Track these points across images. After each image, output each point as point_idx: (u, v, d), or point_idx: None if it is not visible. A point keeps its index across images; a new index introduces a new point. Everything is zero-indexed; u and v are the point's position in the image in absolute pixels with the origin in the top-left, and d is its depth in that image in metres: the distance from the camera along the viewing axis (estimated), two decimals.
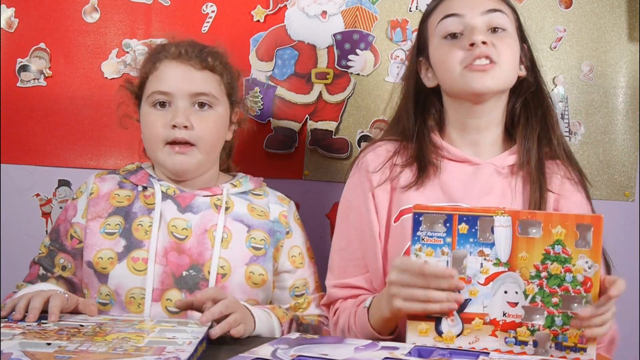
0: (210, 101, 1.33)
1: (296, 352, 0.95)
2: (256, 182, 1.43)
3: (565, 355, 1.04)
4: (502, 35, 1.29)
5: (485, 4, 1.29)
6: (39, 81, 1.70)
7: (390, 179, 1.32)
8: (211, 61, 1.33)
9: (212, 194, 1.35)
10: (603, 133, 1.82)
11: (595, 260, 1.03)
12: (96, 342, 0.96)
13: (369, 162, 1.36)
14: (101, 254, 1.29)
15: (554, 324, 1.04)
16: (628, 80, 1.81)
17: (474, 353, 1.01)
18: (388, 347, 1.02)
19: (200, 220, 1.32)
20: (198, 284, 1.27)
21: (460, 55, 1.27)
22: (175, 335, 1.02)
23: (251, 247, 1.33)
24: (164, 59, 1.33)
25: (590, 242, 1.03)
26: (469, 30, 1.28)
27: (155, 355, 0.90)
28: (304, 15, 1.75)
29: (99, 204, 1.34)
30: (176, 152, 1.30)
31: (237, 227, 1.33)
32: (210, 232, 1.31)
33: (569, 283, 1.03)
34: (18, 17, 1.69)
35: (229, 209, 1.35)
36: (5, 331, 1.00)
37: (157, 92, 1.31)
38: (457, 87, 1.30)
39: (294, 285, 1.39)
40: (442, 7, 1.33)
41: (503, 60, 1.27)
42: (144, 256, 1.28)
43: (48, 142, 1.70)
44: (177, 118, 1.28)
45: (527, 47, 1.37)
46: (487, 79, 1.26)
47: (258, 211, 1.37)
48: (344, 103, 1.77)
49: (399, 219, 1.31)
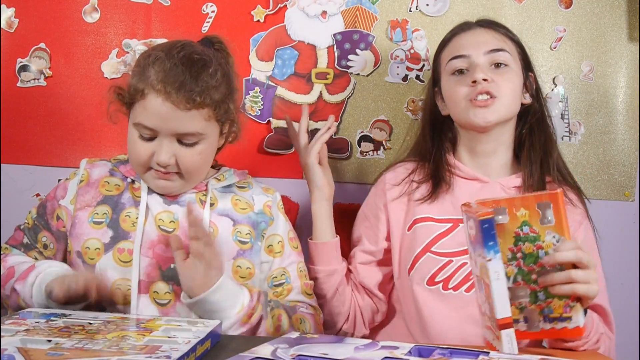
0: (196, 138, 1.27)
1: (296, 351, 0.95)
2: (240, 175, 1.43)
3: (554, 327, 1.10)
4: (504, 71, 1.43)
5: (489, 44, 1.44)
6: (39, 81, 1.70)
7: (407, 194, 1.48)
8: (200, 100, 1.23)
9: (197, 190, 1.35)
10: (603, 133, 1.82)
11: (561, 233, 1.09)
12: (95, 340, 0.96)
13: (386, 179, 1.53)
14: (88, 244, 1.29)
15: (538, 299, 1.11)
16: (628, 80, 1.81)
17: (474, 352, 1.01)
18: (388, 346, 1.02)
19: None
20: None
21: (464, 91, 1.42)
22: (178, 334, 1.02)
23: (237, 241, 1.33)
24: (151, 92, 1.23)
25: (552, 219, 1.09)
26: (472, 68, 1.42)
27: (147, 354, 0.90)
28: (304, 15, 1.75)
29: (89, 192, 1.34)
30: (159, 178, 1.30)
31: (222, 222, 1.33)
32: None
33: (543, 258, 1.10)
34: (18, 17, 1.69)
35: (214, 205, 1.35)
36: (11, 328, 1.00)
37: (142, 126, 1.26)
38: (463, 119, 1.45)
39: (272, 275, 1.37)
40: (451, 47, 1.49)
41: (503, 94, 1.41)
42: (129, 247, 1.28)
43: (48, 142, 1.70)
44: (160, 157, 1.25)
45: (533, 75, 1.49)
46: (487, 113, 1.40)
47: (242, 204, 1.37)
48: (344, 103, 1.77)
49: (411, 227, 1.45)
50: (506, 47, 1.44)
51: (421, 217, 1.45)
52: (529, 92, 1.49)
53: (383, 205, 1.51)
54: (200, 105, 1.24)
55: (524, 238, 1.10)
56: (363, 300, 1.52)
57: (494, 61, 1.43)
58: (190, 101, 1.23)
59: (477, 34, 1.47)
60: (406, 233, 1.46)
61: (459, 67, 1.44)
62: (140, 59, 1.30)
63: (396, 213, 1.49)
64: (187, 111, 1.23)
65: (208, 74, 1.26)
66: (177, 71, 1.24)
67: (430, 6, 1.77)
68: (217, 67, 1.29)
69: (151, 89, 1.23)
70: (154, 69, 1.24)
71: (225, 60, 1.35)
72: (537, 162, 1.45)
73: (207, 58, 1.28)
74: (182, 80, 1.23)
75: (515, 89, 1.43)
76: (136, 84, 1.26)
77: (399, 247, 1.47)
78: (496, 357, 1.00)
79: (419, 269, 1.41)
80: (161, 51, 1.27)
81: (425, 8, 1.77)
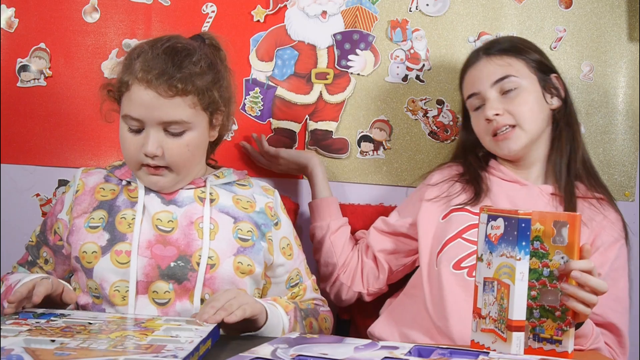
0: (183, 127, 1.27)
1: (296, 351, 0.95)
2: (240, 174, 1.43)
3: (542, 347, 1.09)
4: (515, 95, 1.45)
5: (495, 74, 1.46)
6: (39, 81, 1.70)
7: (448, 196, 1.49)
8: (182, 86, 1.23)
9: (196, 187, 1.35)
10: (603, 133, 1.82)
11: (570, 256, 1.08)
12: (99, 340, 0.96)
13: (432, 177, 1.56)
14: (85, 248, 1.29)
15: (532, 316, 1.10)
16: (628, 80, 1.81)
17: (474, 353, 1.01)
18: (388, 346, 1.02)
19: (185, 212, 1.32)
20: (187, 274, 1.28)
21: (484, 126, 1.47)
22: (180, 333, 1.02)
23: (238, 238, 1.32)
24: (135, 82, 1.24)
25: (566, 239, 1.08)
26: (484, 104, 1.46)
27: (154, 353, 0.90)
28: (304, 15, 1.75)
29: (85, 200, 1.34)
30: (151, 174, 1.30)
31: (223, 219, 1.33)
32: (197, 224, 1.31)
33: (546, 277, 1.09)
34: (18, 17, 1.69)
35: (214, 200, 1.35)
36: (13, 328, 1.01)
37: (129, 117, 1.27)
38: (492, 151, 1.51)
39: (289, 277, 1.40)
40: (466, 84, 1.53)
41: (521, 118, 1.44)
42: (126, 249, 1.28)
43: (48, 142, 1.70)
44: (147, 147, 1.25)
45: (556, 76, 1.50)
46: (511, 144, 1.44)
47: (243, 203, 1.36)
48: (344, 103, 1.77)
49: (447, 216, 1.47)
50: (512, 71, 1.45)
51: (458, 207, 1.46)
52: (554, 95, 1.49)
53: (420, 201, 1.53)
54: (183, 92, 1.24)
55: (532, 253, 1.09)
56: (367, 258, 1.58)
57: (502, 90, 1.45)
58: (172, 88, 1.23)
59: (481, 67, 1.49)
60: (440, 222, 1.47)
61: (475, 105, 1.49)
62: (127, 54, 1.32)
63: (431, 213, 1.50)
64: (170, 98, 1.24)
65: (191, 62, 1.26)
66: (158, 60, 1.25)
67: (430, 6, 1.77)
68: (201, 56, 1.29)
69: (134, 79, 1.24)
70: (138, 61, 1.26)
71: (214, 52, 1.34)
72: (563, 161, 1.47)
73: (191, 47, 1.29)
74: (163, 68, 1.23)
75: (532, 107, 1.45)
76: (122, 77, 1.27)
77: (432, 235, 1.47)
78: (496, 357, 1.00)
79: (448, 252, 1.42)
80: (146, 44, 1.29)
81: (425, 8, 1.77)
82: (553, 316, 1.09)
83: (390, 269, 1.57)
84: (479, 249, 1.13)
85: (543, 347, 1.09)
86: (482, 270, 1.11)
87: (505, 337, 1.05)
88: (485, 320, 1.10)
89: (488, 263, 1.10)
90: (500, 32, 1.77)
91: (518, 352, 1.04)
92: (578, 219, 1.08)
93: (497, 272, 1.08)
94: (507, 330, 1.04)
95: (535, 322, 1.10)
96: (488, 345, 1.08)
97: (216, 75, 1.30)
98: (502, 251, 1.06)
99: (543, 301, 1.10)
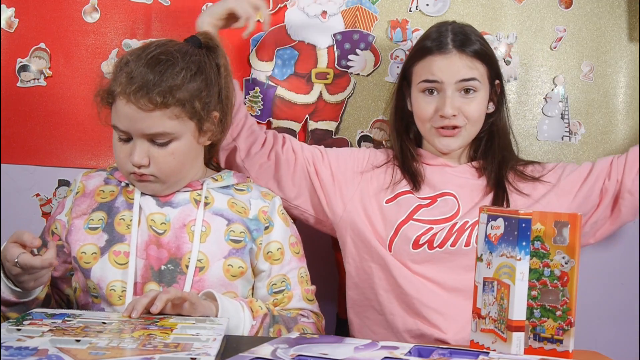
0: (167, 137, 1.27)
1: (296, 351, 0.96)
2: (240, 177, 1.42)
3: (543, 346, 1.09)
4: (473, 97, 1.48)
5: (461, 73, 1.47)
6: (39, 81, 1.70)
7: (391, 181, 1.52)
8: (161, 99, 1.23)
9: (192, 189, 1.35)
10: (603, 133, 1.82)
11: (571, 256, 1.08)
12: (124, 339, 0.97)
13: (377, 157, 1.57)
14: (84, 249, 1.30)
15: (533, 316, 1.09)
16: (628, 80, 1.81)
17: (474, 353, 1.01)
18: (388, 346, 1.02)
19: (179, 214, 1.32)
20: (176, 277, 1.28)
21: (431, 113, 1.48)
22: (198, 332, 1.04)
23: (230, 240, 1.32)
24: (118, 95, 1.25)
25: (567, 239, 1.08)
26: (442, 99, 1.47)
27: (185, 351, 0.92)
28: (304, 15, 1.75)
29: (85, 202, 1.35)
30: (138, 181, 1.30)
31: (216, 221, 1.33)
32: (189, 227, 1.31)
33: (547, 277, 1.09)
34: (18, 17, 1.69)
35: (209, 204, 1.34)
36: (33, 328, 1.01)
37: (117, 128, 1.28)
38: (427, 138, 1.53)
39: (271, 282, 1.37)
40: (426, 66, 1.49)
41: (471, 121, 1.48)
42: (125, 250, 1.29)
43: (48, 142, 1.70)
44: (134, 158, 1.26)
45: (499, 83, 1.55)
46: (451, 142, 1.49)
47: (238, 207, 1.36)
48: (344, 103, 1.77)
49: (393, 200, 1.50)
50: (477, 75, 1.48)
51: (403, 190, 1.51)
52: (492, 101, 1.54)
53: (360, 172, 1.55)
54: (163, 105, 1.24)
55: (533, 253, 1.09)
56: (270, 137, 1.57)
57: (461, 88, 1.47)
58: (152, 102, 1.23)
59: (452, 61, 1.47)
60: (384, 205, 1.50)
61: (426, 88, 1.49)
62: (117, 61, 1.31)
63: (371, 196, 1.52)
64: (150, 112, 1.24)
65: (173, 73, 1.25)
66: (139, 73, 1.24)
67: (430, 6, 1.77)
68: (186, 64, 1.27)
69: (118, 92, 1.25)
70: (123, 72, 1.26)
71: (208, 55, 1.33)
72: (494, 162, 1.52)
73: (176, 57, 1.27)
74: (143, 82, 1.23)
75: (481, 110, 1.50)
76: (110, 87, 1.28)
77: (379, 219, 1.49)
78: (496, 357, 1.00)
79: (403, 235, 1.47)
80: (132, 54, 1.28)
81: (425, 8, 1.77)
82: (554, 316, 1.09)
83: (277, 158, 1.54)
84: (478, 249, 1.13)
85: (544, 346, 1.10)
86: (481, 270, 1.11)
87: (505, 337, 1.05)
88: (485, 320, 1.10)
89: (488, 263, 1.10)
90: (500, 32, 1.77)
91: (518, 352, 1.04)
92: (579, 219, 1.08)
93: (497, 272, 1.08)
94: (507, 330, 1.04)
95: (535, 322, 1.10)
96: (488, 345, 1.09)
97: (204, 82, 1.29)
98: (502, 251, 1.07)
99: (544, 301, 1.10)
